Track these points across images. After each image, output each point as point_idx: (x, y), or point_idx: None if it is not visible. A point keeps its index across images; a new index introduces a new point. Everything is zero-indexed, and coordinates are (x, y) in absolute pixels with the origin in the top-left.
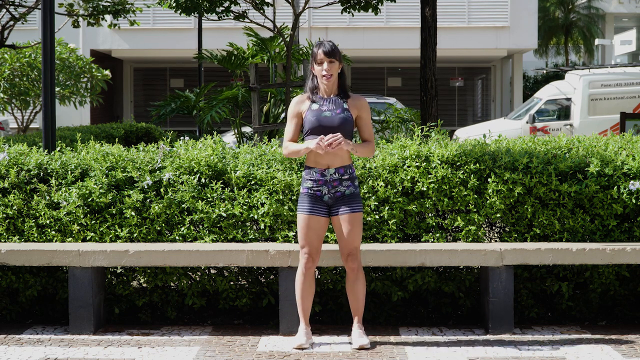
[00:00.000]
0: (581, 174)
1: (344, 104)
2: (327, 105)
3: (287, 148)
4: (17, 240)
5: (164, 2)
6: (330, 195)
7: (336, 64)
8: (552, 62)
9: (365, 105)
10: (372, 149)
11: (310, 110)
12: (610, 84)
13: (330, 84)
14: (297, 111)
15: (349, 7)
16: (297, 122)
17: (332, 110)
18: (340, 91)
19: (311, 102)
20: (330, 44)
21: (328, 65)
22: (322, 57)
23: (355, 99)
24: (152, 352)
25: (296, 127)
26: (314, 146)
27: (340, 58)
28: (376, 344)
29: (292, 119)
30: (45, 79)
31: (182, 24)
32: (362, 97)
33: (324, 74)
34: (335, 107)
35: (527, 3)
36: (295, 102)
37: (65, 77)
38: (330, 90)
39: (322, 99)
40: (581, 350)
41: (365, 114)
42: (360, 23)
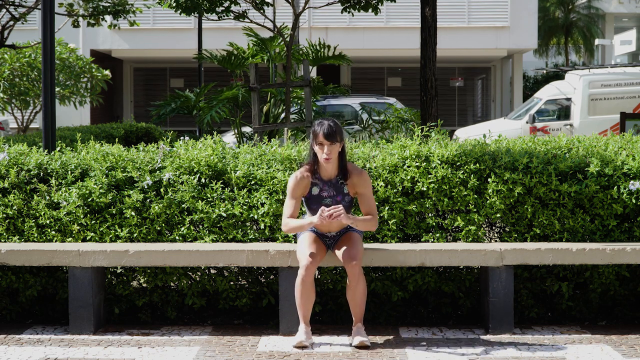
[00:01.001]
0: (581, 174)
1: (344, 187)
2: (327, 191)
3: (287, 225)
4: (17, 240)
5: (164, 2)
6: (331, 241)
7: (337, 145)
8: (552, 62)
9: (365, 181)
10: (375, 223)
11: (311, 195)
12: (610, 84)
13: (330, 165)
14: (298, 193)
15: (349, 7)
16: (297, 201)
17: (333, 197)
18: (340, 171)
19: (312, 185)
20: (332, 124)
21: (328, 148)
22: (322, 140)
23: (354, 177)
24: (152, 352)
25: (297, 206)
26: (317, 220)
27: (342, 137)
28: (376, 344)
29: (292, 198)
30: (45, 79)
31: (182, 24)
32: (363, 172)
33: (325, 157)
34: (336, 193)
35: (527, 3)
36: (295, 182)
37: (65, 77)
38: (330, 172)
39: (322, 181)
40: (581, 350)
41: (365, 190)
42: (360, 23)
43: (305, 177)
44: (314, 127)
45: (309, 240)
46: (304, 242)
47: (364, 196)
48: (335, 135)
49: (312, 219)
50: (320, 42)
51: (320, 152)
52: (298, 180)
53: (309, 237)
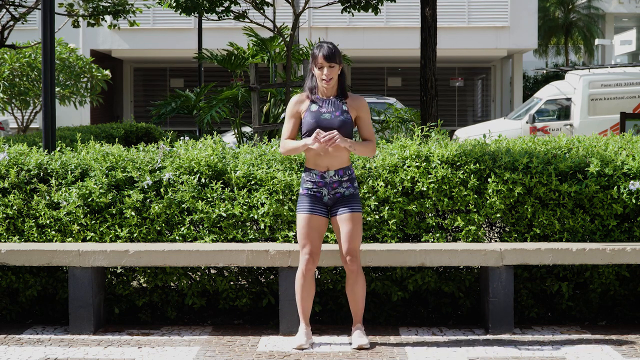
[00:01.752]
0: (581, 174)
1: (343, 105)
2: (326, 107)
3: (284, 146)
4: (17, 240)
5: (164, 1)
6: (329, 196)
7: (336, 68)
8: (552, 62)
9: (364, 105)
10: (373, 148)
11: (309, 112)
12: (610, 84)
13: (329, 87)
14: (296, 111)
15: (349, 7)
16: (295, 121)
17: (332, 113)
18: (340, 92)
19: (310, 103)
20: (331, 46)
21: (328, 70)
22: (322, 61)
23: (354, 100)
24: (152, 352)
25: (294, 126)
26: (311, 141)
27: (341, 60)
28: (376, 344)
29: (290, 118)
30: (45, 79)
31: (182, 24)
32: (361, 97)
33: (323, 79)
34: (335, 109)
35: (527, 3)
36: (294, 102)
37: (65, 77)
38: (329, 92)
39: (321, 99)
40: (581, 350)
41: (364, 114)
42: (360, 23)
43: (305, 98)
44: (314, 50)
45: (307, 228)
46: (302, 230)
47: (362, 120)
48: (335, 57)
49: (308, 140)
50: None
51: (320, 74)
52: (296, 100)
53: (306, 221)
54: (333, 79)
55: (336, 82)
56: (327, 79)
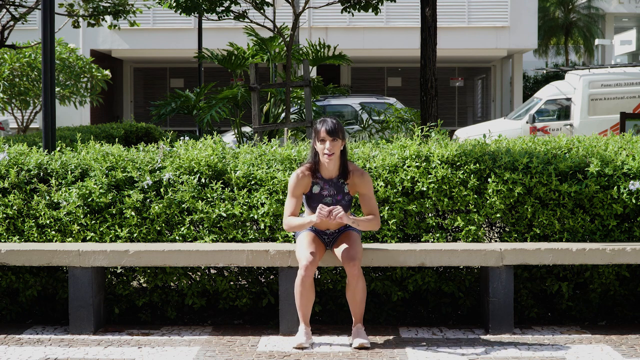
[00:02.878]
0: (581, 174)
1: (344, 187)
2: (327, 190)
3: (289, 224)
4: (17, 240)
5: (164, 1)
6: (330, 239)
7: (339, 142)
8: (552, 62)
9: (366, 181)
10: (377, 223)
11: (312, 194)
12: (610, 84)
13: (332, 163)
14: (299, 192)
15: (349, 7)
16: (297, 200)
17: (333, 197)
18: (341, 171)
19: (312, 184)
20: (334, 122)
21: (330, 144)
22: (324, 135)
23: (356, 177)
24: (152, 352)
25: (297, 205)
26: (316, 219)
27: (344, 135)
28: (376, 344)
29: (292, 197)
30: (45, 79)
31: (182, 24)
32: (364, 173)
33: (325, 153)
34: (336, 193)
35: (527, 3)
36: (296, 180)
37: (65, 77)
38: (332, 169)
39: (323, 180)
40: (581, 350)
41: (366, 190)
42: (360, 23)
43: (306, 176)
44: (316, 125)
45: (307, 240)
46: (302, 242)
47: (365, 197)
48: (338, 132)
49: (312, 217)
50: (320, 42)
51: (322, 150)
52: (299, 179)
53: (307, 236)
54: (335, 154)
55: (338, 159)
56: (329, 152)
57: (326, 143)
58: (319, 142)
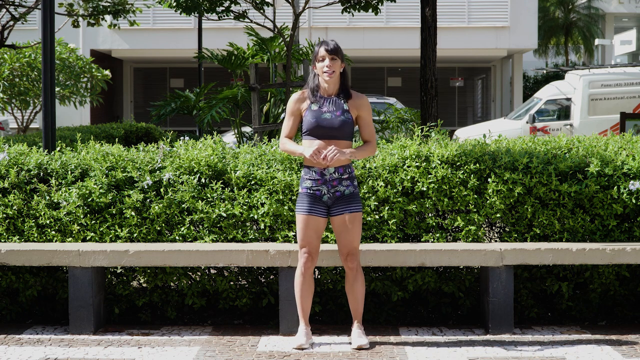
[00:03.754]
0: (581, 174)
1: (344, 105)
2: (327, 106)
3: (283, 145)
4: (17, 240)
5: (164, 1)
6: (329, 195)
7: (338, 62)
8: (552, 62)
9: (365, 104)
10: (373, 148)
11: (310, 110)
12: (610, 84)
13: (331, 82)
14: (297, 109)
15: (349, 7)
16: (295, 119)
17: (332, 112)
18: (342, 91)
19: (311, 102)
20: (333, 42)
21: (330, 62)
22: (324, 54)
23: (356, 99)
24: (152, 352)
25: (294, 124)
26: (309, 156)
27: (343, 57)
28: (376, 344)
29: (290, 116)
30: (45, 79)
31: (182, 24)
32: (364, 96)
33: (325, 70)
34: (336, 109)
35: (527, 3)
36: (294, 100)
37: (65, 77)
38: (331, 90)
39: (323, 98)
40: (581, 350)
41: (365, 114)
42: (360, 23)
43: (305, 96)
44: (315, 48)
45: (306, 228)
46: (301, 230)
47: (364, 120)
48: (337, 51)
49: (305, 151)
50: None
51: (322, 68)
52: (297, 98)
53: (305, 222)
54: (335, 73)
55: (338, 79)
56: (329, 70)
57: (325, 61)
58: (318, 61)
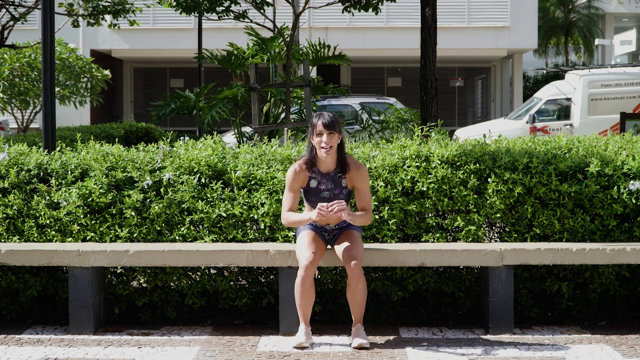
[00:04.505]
0: (581, 174)
1: (342, 181)
2: (325, 184)
3: (287, 219)
4: (17, 240)
5: (164, 1)
6: (330, 236)
7: (335, 136)
8: (552, 62)
9: (363, 176)
10: (369, 217)
11: (309, 188)
12: (610, 84)
13: (329, 157)
14: (296, 186)
15: (349, 6)
16: (295, 195)
17: (331, 191)
18: (339, 164)
19: (310, 179)
20: (330, 116)
21: (327, 137)
22: (321, 129)
23: (353, 170)
24: (152, 352)
25: (295, 200)
26: (315, 217)
27: (340, 129)
28: (376, 344)
29: (290, 191)
30: (45, 79)
31: (182, 24)
32: (362, 167)
33: (322, 146)
34: (334, 186)
35: (527, 3)
36: (294, 175)
37: (65, 77)
38: (329, 163)
39: (321, 174)
40: (581, 350)
41: (363, 185)
42: (360, 23)
43: (303, 170)
44: (313, 120)
45: (307, 240)
46: (302, 241)
47: (361, 191)
48: (334, 126)
49: (311, 214)
50: (320, 42)
51: (319, 143)
52: (296, 173)
53: (307, 236)
54: (332, 148)
55: (335, 152)
56: (326, 146)
57: (323, 136)
58: (316, 136)
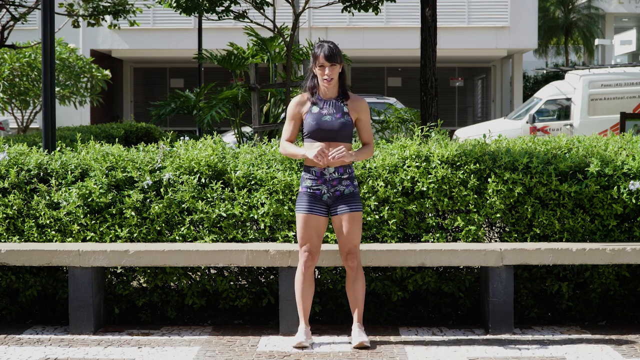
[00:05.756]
0: (581, 174)
1: (344, 107)
2: (327, 109)
3: (284, 148)
4: (17, 240)
5: (164, 1)
6: (329, 194)
7: (337, 67)
8: (552, 62)
9: (364, 107)
10: (371, 150)
11: (311, 113)
12: (610, 84)
13: (330, 87)
14: (297, 112)
15: (348, 6)
16: (295, 123)
17: (332, 115)
18: (341, 92)
19: (311, 104)
20: (332, 46)
21: (329, 69)
22: (323, 61)
23: (354, 101)
24: (152, 352)
25: (295, 128)
26: (312, 157)
27: (342, 60)
28: (376, 344)
29: (291, 119)
30: (45, 79)
31: (182, 24)
32: (362, 99)
33: (325, 78)
34: (336, 111)
35: (527, 3)
36: (295, 103)
37: (65, 77)
38: (330, 93)
39: (322, 100)
40: (581, 350)
41: (364, 116)
42: (360, 23)
43: (306, 99)
44: (314, 50)
45: (306, 226)
46: (301, 229)
47: (362, 122)
48: (336, 56)
49: (308, 152)
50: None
51: (321, 74)
52: (297, 102)
53: (307, 220)
54: (334, 79)
55: (337, 82)
56: (328, 78)
57: (325, 68)
58: (318, 67)
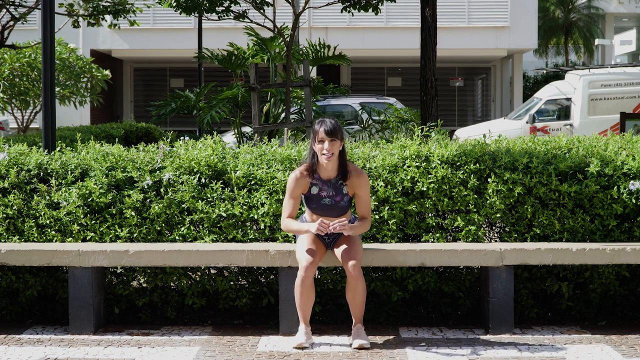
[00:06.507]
0: (581, 174)
1: (343, 188)
2: (326, 191)
3: (287, 226)
4: (17, 240)
5: (164, 1)
6: (330, 240)
7: (337, 143)
8: (552, 62)
9: (364, 183)
10: (368, 225)
11: (310, 194)
12: (610, 84)
13: (330, 163)
14: (297, 192)
15: (348, 6)
16: (296, 201)
17: (332, 198)
18: (340, 171)
19: (311, 185)
20: (332, 122)
21: (329, 144)
22: (322, 136)
23: (354, 177)
24: (152, 352)
25: (295, 206)
26: (315, 231)
27: (342, 136)
28: (376, 344)
29: (290, 197)
30: (45, 79)
31: (182, 24)
32: (363, 173)
33: (324, 153)
34: (335, 194)
35: (527, 3)
36: (295, 181)
37: (65, 77)
38: (330, 170)
39: (322, 181)
40: (581, 350)
41: (363, 192)
42: (360, 23)
43: (305, 176)
44: (314, 126)
45: (308, 241)
46: (303, 243)
47: (361, 198)
48: (336, 132)
49: (311, 227)
50: (320, 42)
51: (321, 150)
52: (297, 180)
53: (308, 237)
54: (334, 155)
55: (337, 159)
56: (327, 154)
57: (325, 143)
58: (318, 142)
